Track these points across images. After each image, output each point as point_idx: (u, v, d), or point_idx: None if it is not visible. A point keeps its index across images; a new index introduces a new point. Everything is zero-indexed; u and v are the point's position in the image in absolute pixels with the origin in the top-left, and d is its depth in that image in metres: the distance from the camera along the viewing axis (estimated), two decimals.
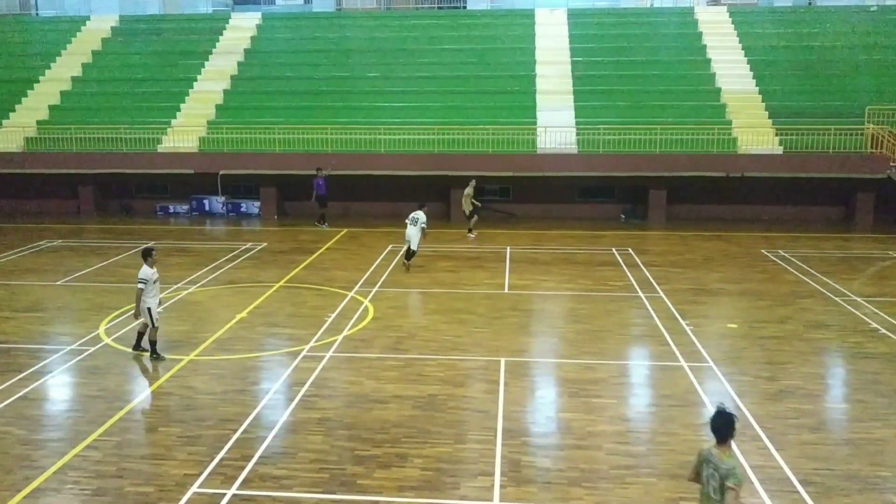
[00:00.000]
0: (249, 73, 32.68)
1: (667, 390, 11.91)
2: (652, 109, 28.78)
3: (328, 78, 31.88)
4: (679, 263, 20.94)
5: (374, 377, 12.40)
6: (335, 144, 28.34)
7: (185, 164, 28.62)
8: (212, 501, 8.65)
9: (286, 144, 28.51)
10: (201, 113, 30.37)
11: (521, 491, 8.86)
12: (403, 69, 31.95)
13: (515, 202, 29.43)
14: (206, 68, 32.78)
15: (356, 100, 30.54)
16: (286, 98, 30.87)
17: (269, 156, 28.32)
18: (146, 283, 12.74)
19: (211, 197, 29.87)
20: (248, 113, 30.19)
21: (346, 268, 20.34)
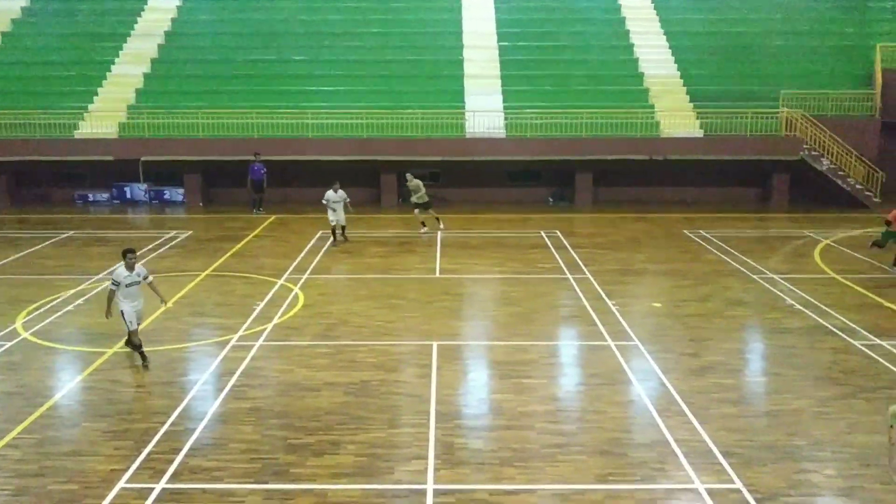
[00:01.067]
0: (171, 56, 31.73)
1: (595, 369, 12.19)
2: (578, 94, 29.19)
3: (253, 61, 31.22)
4: (605, 245, 21.38)
5: (306, 365, 12.30)
6: (261, 129, 27.82)
7: (105, 150, 27.67)
8: (140, 496, 8.46)
9: (211, 129, 27.83)
10: (120, 97, 29.35)
11: (454, 473, 8.95)
12: (331, 52, 31.57)
13: (445, 186, 29.48)
14: (125, 51, 31.68)
15: (282, 83, 30.02)
16: (210, 82, 30.10)
17: (193, 141, 27.60)
18: (118, 286, 11.93)
19: (133, 184, 28.97)
20: (171, 97, 29.33)
21: (275, 255, 20.06)
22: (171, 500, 8.39)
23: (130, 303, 12.11)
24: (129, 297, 12.09)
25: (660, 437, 9.84)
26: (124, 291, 12.01)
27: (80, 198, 29.04)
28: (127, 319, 12.11)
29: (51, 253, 20.48)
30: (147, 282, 12.32)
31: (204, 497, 8.44)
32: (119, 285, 11.93)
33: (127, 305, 12.08)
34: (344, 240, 21.48)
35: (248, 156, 27.29)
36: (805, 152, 27.06)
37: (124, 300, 12.07)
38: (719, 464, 9.14)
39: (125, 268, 12.04)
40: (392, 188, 28.53)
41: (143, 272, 12.31)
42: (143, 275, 12.25)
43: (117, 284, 11.93)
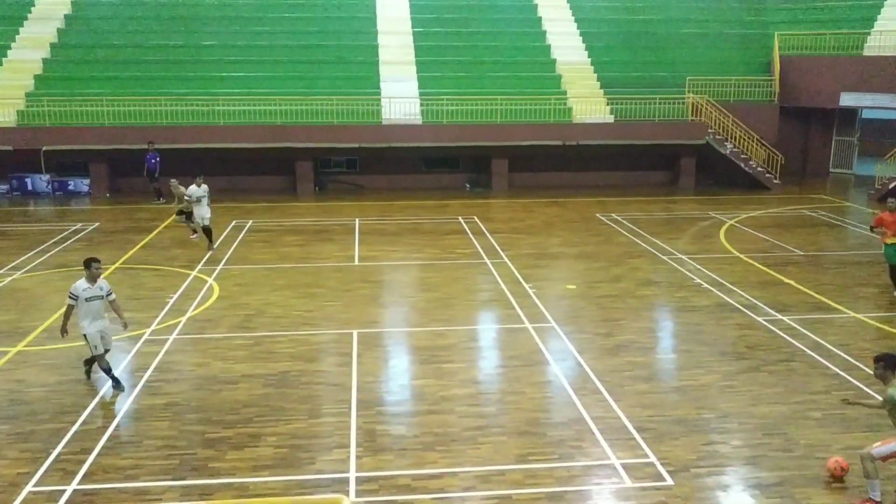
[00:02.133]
0: (71, 40, 30.32)
1: (513, 351, 12.40)
2: (492, 80, 29.43)
3: (160, 46, 30.15)
4: (521, 230, 21.71)
5: (223, 357, 12.08)
6: (170, 116, 26.95)
7: (2, 139, 26.29)
8: (51, 499, 8.16)
9: (117, 117, 26.81)
10: (18, 84, 27.88)
11: (376, 460, 8.98)
12: (243, 37, 30.79)
13: (362, 173, 29.32)
14: (21, 35, 30.08)
15: (191, 69, 29.14)
16: (114, 68, 28.94)
17: (98, 129, 26.51)
18: (76, 301, 10.53)
19: (34, 175, 27.61)
20: (73, 84, 28.05)
21: (187, 245, 19.55)
22: (83, 501, 8.13)
23: (92, 321, 10.58)
24: (90, 314, 10.58)
25: (577, 415, 10.11)
26: (84, 308, 10.51)
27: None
28: (91, 343, 10.62)
29: None
30: (110, 298, 10.84)
31: (119, 496, 8.21)
32: (77, 300, 10.49)
33: (90, 326, 10.57)
34: (212, 247, 18.86)
35: (158, 144, 26.43)
36: (710, 136, 28.08)
37: (85, 319, 10.54)
38: (633, 439, 9.47)
39: (86, 280, 10.61)
40: (308, 176, 28.16)
41: (107, 287, 10.86)
42: (106, 290, 10.79)
43: (75, 299, 10.50)
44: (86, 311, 10.56)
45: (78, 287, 10.56)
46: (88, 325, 10.57)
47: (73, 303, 10.54)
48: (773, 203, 25.62)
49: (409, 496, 8.25)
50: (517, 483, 8.52)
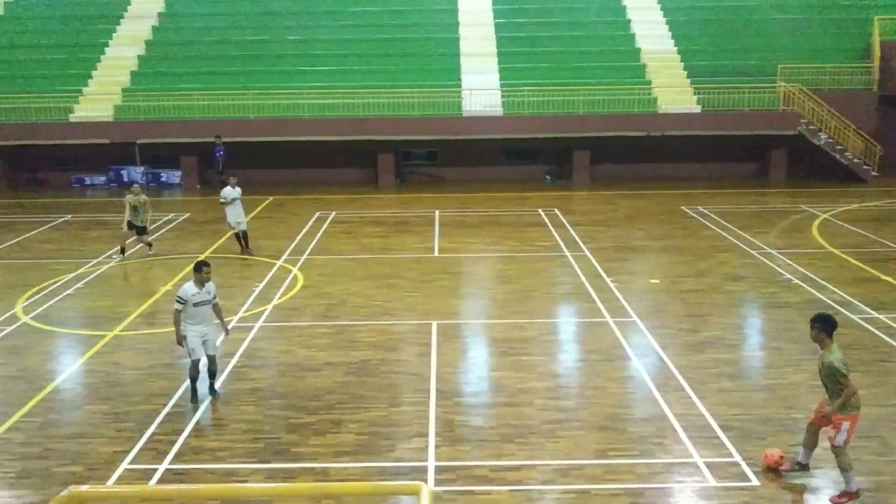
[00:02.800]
0: (164, 37, 31.51)
1: (593, 346, 12.24)
2: (574, 71, 29.05)
3: (248, 42, 31.03)
4: (603, 222, 21.39)
5: (306, 345, 12.35)
6: (257, 110, 27.69)
7: (101, 133, 27.54)
8: (144, 477, 8.53)
9: (206, 111, 27.71)
10: (115, 80, 29.17)
11: (455, 450, 9.02)
12: (326, 32, 31.34)
13: (442, 166, 29.44)
14: (118, 33, 31.44)
15: (278, 64, 29.86)
16: (205, 63, 29.93)
17: (188, 123, 27.48)
18: (184, 305, 10.03)
19: (129, 167, 28.86)
20: (165, 79, 29.16)
21: (273, 236, 20.06)
22: (174, 480, 8.46)
23: (195, 326, 10.14)
24: (195, 318, 10.13)
25: (658, 411, 9.91)
26: (190, 312, 10.05)
27: (76, 181, 28.96)
28: (189, 347, 10.15)
29: (49, 237, 20.46)
30: (214, 302, 10.32)
31: (207, 477, 8.51)
32: (185, 304, 10.01)
33: (191, 330, 10.14)
34: (249, 251, 18.11)
35: (245, 137, 27.24)
36: (803, 127, 26.99)
37: (188, 322, 10.11)
38: (717, 438, 9.22)
39: (195, 283, 10.10)
40: (389, 168, 28.48)
41: (214, 291, 10.31)
42: (213, 294, 10.27)
43: (183, 303, 10.00)
44: (190, 315, 10.09)
45: (187, 291, 10.03)
46: (191, 330, 10.13)
47: (181, 307, 10.04)
48: (871, 196, 24.44)
49: (486, 487, 8.26)
50: (596, 478, 8.42)
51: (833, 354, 7.87)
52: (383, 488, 6.11)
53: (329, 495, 7.92)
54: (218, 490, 6.30)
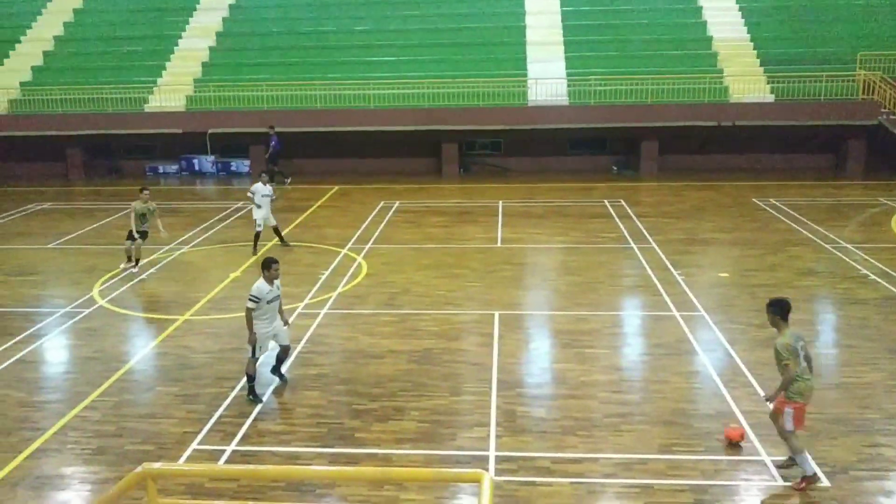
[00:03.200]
0: (235, 29, 32.17)
1: (659, 339, 12.04)
2: (643, 59, 28.52)
3: (316, 32, 31.42)
4: (671, 214, 20.99)
5: (370, 333, 12.48)
6: (323, 100, 28.05)
7: (173, 123, 28.33)
8: (212, 458, 8.77)
9: (275, 101, 28.21)
10: (187, 71, 29.95)
11: (516, 440, 9.00)
12: (392, 22, 31.50)
13: (507, 156, 29.32)
14: (191, 25, 32.24)
15: (345, 54, 30.16)
16: (274, 54, 30.45)
17: (257, 113, 28.03)
18: (258, 303, 9.89)
19: (200, 156, 29.63)
20: (236, 70, 29.78)
21: (338, 225, 20.32)
22: (240, 461, 8.67)
23: (266, 323, 10.06)
24: (267, 315, 10.05)
25: (725, 408, 9.70)
26: (263, 309, 9.95)
27: (150, 170, 29.88)
28: (257, 344, 10.05)
29: (124, 223, 21.02)
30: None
31: (272, 459, 8.69)
32: (259, 302, 9.90)
33: (262, 327, 10.03)
34: (285, 244, 17.87)
35: (314, 127, 27.64)
36: (883, 117, 25.91)
37: (260, 320, 9.99)
38: None
39: (266, 280, 9.98)
40: (453, 158, 28.51)
41: (279, 286, 10.30)
42: (280, 289, 10.26)
43: (257, 301, 9.87)
44: (263, 311, 9.98)
45: (262, 289, 9.88)
46: (261, 327, 10.01)
47: (255, 305, 9.89)
48: None
49: (548, 478, 8.22)
50: (659, 473, 8.29)
51: (782, 338, 7.96)
52: (445, 475, 6.14)
53: (391, 480, 8.00)
54: (283, 472, 6.44)
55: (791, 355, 7.87)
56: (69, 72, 30.26)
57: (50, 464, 8.69)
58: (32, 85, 29.76)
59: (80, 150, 29.56)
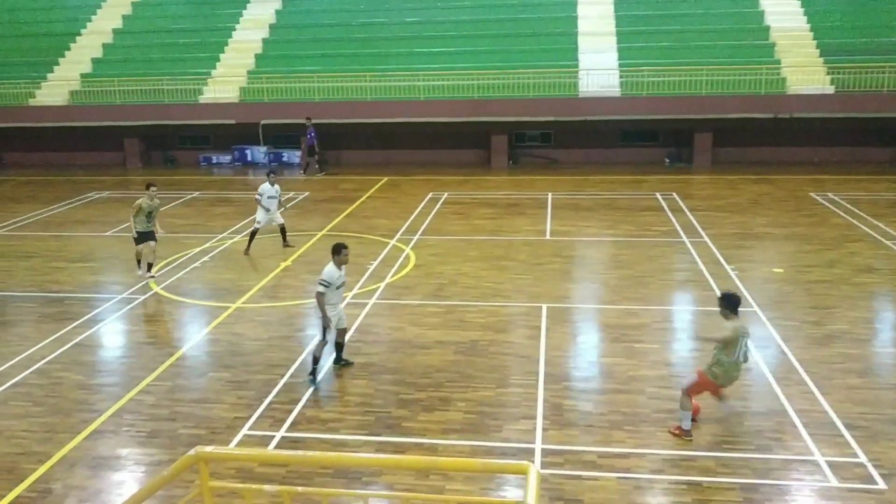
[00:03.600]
0: (287, 21, 32.51)
1: (710, 335, 11.80)
2: (698, 50, 27.98)
3: (367, 24, 31.57)
4: (724, 208, 20.59)
5: (417, 323, 12.54)
6: (373, 92, 28.19)
7: (227, 114, 28.80)
8: (262, 443, 8.92)
9: (325, 93, 28.45)
10: (241, 63, 30.40)
11: (563, 434, 8.95)
12: (442, 13, 31.47)
13: (556, 147, 29.11)
14: (244, 17, 32.69)
15: (395, 46, 30.25)
16: (325, 45, 30.68)
17: (308, 105, 28.30)
18: (328, 287, 10.07)
19: (253, 147, 30.08)
20: (288, 61, 30.11)
21: (387, 216, 20.42)
22: (289, 447, 8.80)
23: (333, 307, 10.24)
24: (335, 299, 10.25)
25: (778, 406, 9.50)
26: (332, 294, 10.15)
27: (204, 160, 30.44)
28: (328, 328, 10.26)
29: (178, 212, 21.61)
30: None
31: (321, 446, 8.80)
32: (329, 286, 10.06)
33: (328, 311, 10.17)
34: (287, 244, 17.26)
35: (364, 118, 27.81)
36: None
37: (328, 304, 10.15)
38: (842, 436, 8.74)
39: (335, 265, 10.18)
40: (502, 150, 28.41)
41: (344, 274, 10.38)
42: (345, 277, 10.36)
43: (327, 286, 10.05)
44: (332, 296, 10.15)
45: (332, 274, 10.07)
46: (328, 311, 10.14)
47: (325, 290, 10.04)
48: None
49: (594, 472, 8.17)
50: (708, 471, 8.17)
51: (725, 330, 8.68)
52: (491, 466, 6.13)
53: (438, 469, 8.04)
54: (331, 458, 6.51)
55: (724, 346, 8.70)
56: (127, 64, 30.97)
57: (106, 445, 8.95)
58: (92, 77, 30.54)
59: (138, 140, 30.27)
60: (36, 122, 29.76)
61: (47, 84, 30.43)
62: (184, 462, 4.87)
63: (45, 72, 31.17)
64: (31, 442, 9.01)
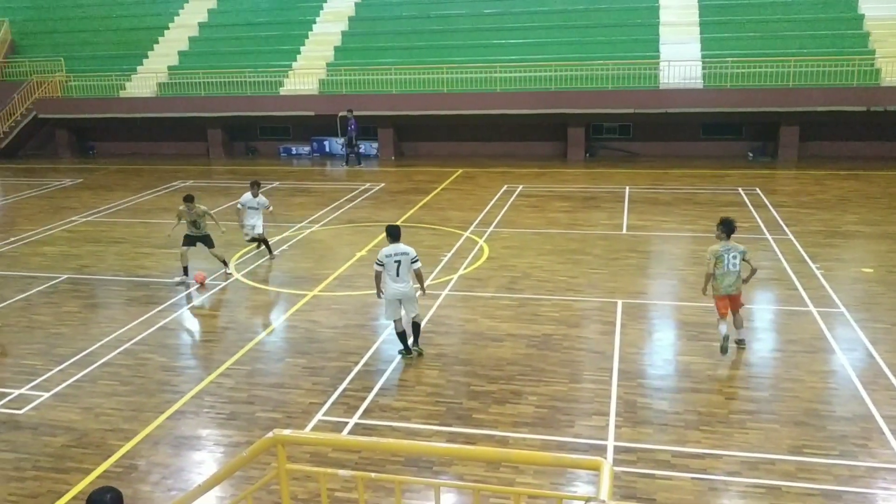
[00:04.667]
0: (366, 13, 32.86)
1: (793, 335, 11.45)
2: (784, 40, 27.03)
3: (444, 16, 31.63)
4: (811, 204, 19.85)
5: (489, 316, 12.53)
6: (450, 84, 28.24)
7: (306, 106, 29.33)
8: (335, 429, 9.08)
9: (403, 85, 28.65)
10: (321, 55, 30.90)
11: (636, 431, 8.81)
12: (521, 4, 31.26)
13: (635, 140, 28.60)
14: (325, 10, 33.20)
15: (472, 38, 30.22)
16: (403, 38, 30.91)
17: (386, 97, 28.58)
18: (383, 266, 10.50)
19: (331, 138, 30.56)
20: (366, 54, 30.47)
21: (461, 208, 20.46)
22: (362, 434, 8.93)
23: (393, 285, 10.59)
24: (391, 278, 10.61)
25: (864, 411, 9.12)
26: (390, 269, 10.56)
27: (284, 151, 31.11)
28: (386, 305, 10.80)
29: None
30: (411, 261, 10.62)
31: (393, 434, 8.90)
32: (384, 266, 10.55)
33: (389, 288, 10.63)
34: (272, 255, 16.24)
35: (440, 110, 27.92)
36: None
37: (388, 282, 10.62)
38: None
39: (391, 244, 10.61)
40: (579, 142, 28.08)
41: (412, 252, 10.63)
42: (411, 255, 10.59)
43: (382, 265, 10.56)
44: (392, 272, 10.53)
45: (384, 253, 10.54)
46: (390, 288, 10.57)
47: (381, 269, 10.52)
48: None
49: (668, 472, 8.01)
50: (788, 475, 7.91)
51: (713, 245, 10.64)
52: (564, 460, 6.09)
53: (510, 461, 8.02)
54: (406, 446, 6.58)
55: (712, 257, 10.54)
56: (211, 56, 31.90)
57: (187, 425, 9.27)
58: (179, 69, 31.57)
59: (221, 131, 31.15)
60: (126, 112, 30.99)
61: (137, 76, 31.61)
62: (263, 444, 5.01)
63: (136, 64, 32.39)
64: (118, 419, 9.40)
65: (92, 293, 14.37)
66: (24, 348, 11.70)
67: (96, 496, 4.20)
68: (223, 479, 5.22)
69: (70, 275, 15.38)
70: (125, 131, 32.62)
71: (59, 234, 18.85)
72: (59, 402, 9.92)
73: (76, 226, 19.67)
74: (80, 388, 10.28)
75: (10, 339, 12.10)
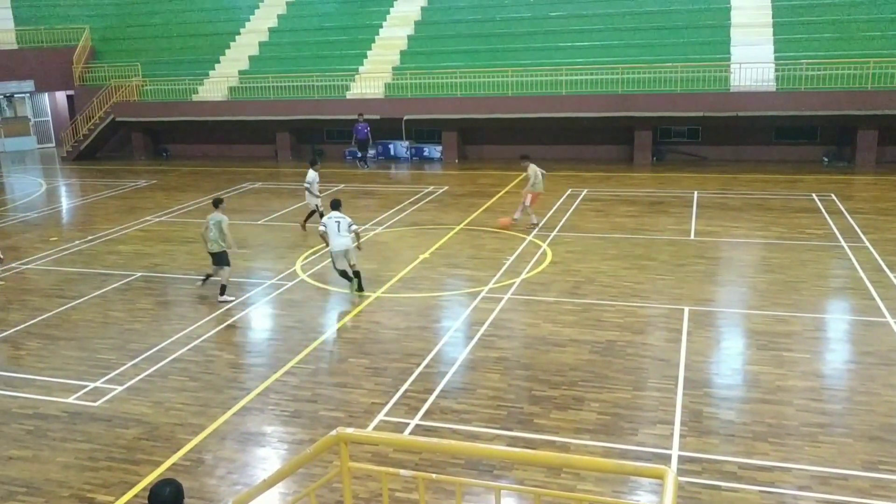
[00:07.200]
0: (432, 17, 33.05)
1: (869, 347, 11.03)
2: (862, 41, 26.09)
3: (510, 20, 31.58)
4: (890, 211, 19.10)
5: (552, 320, 12.43)
6: (515, 87, 28.17)
7: (372, 109, 29.64)
8: (397, 429, 9.14)
9: (467, 89, 28.71)
10: (386, 59, 31.19)
11: (702, 442, 8.62)
12: (588, 7, 30.98)
13: (704, 144, 28.01)
14: (391, 14, 33.51)
15: (538, 41, 30.08)
16: (468, 41, 30.97)
17: (451, 100, 28.68)
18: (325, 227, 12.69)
19: (395, 142, 30.82)
20: (431, 58, 30.63)
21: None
22: (423, 435, 8.95)
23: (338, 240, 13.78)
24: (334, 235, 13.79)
25: None
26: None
27: (349, 154, 31.49)
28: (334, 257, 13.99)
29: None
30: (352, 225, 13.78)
31: (453, 436, 8.91)
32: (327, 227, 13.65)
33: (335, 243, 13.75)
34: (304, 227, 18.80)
35: (505, 114, 27.87)
36: None
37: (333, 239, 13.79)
38: None
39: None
40: (646, 146, 27.66)
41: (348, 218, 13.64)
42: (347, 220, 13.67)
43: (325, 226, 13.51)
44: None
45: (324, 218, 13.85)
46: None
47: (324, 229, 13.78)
48: None
49: (734, 484, 7.81)
50: (862, 491, 7.61)
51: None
52: (626, 468, 5.97)
53: (571, 467, 7.93)
54: (468, 448, 6.56)
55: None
56: (281, 61, 32.55)
57: (253, 421, 9.46)
58: (249, 73, 32.31)
59: (289, 134, 31.74)
60: (198, 116, 31.86)
61: (209, 80, 32.46)
62: (327, 441, 5.07)
63: (208, 69, 33.28)
64: (186, 414, 9.66)
65: (164, 291, 14.81)
66: (100, 343, 12.13)
67: (157, 488, 4.33)
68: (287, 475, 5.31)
69: (143, 273, 15.88)
70: (197, 134, 33.56)
71: (134, 233, 19.49)
72: (131, 395, 10.25)
73: (149, 225, 20.31)
74: (152, 383, 10.60)
75: (86, 333, 12.57)
